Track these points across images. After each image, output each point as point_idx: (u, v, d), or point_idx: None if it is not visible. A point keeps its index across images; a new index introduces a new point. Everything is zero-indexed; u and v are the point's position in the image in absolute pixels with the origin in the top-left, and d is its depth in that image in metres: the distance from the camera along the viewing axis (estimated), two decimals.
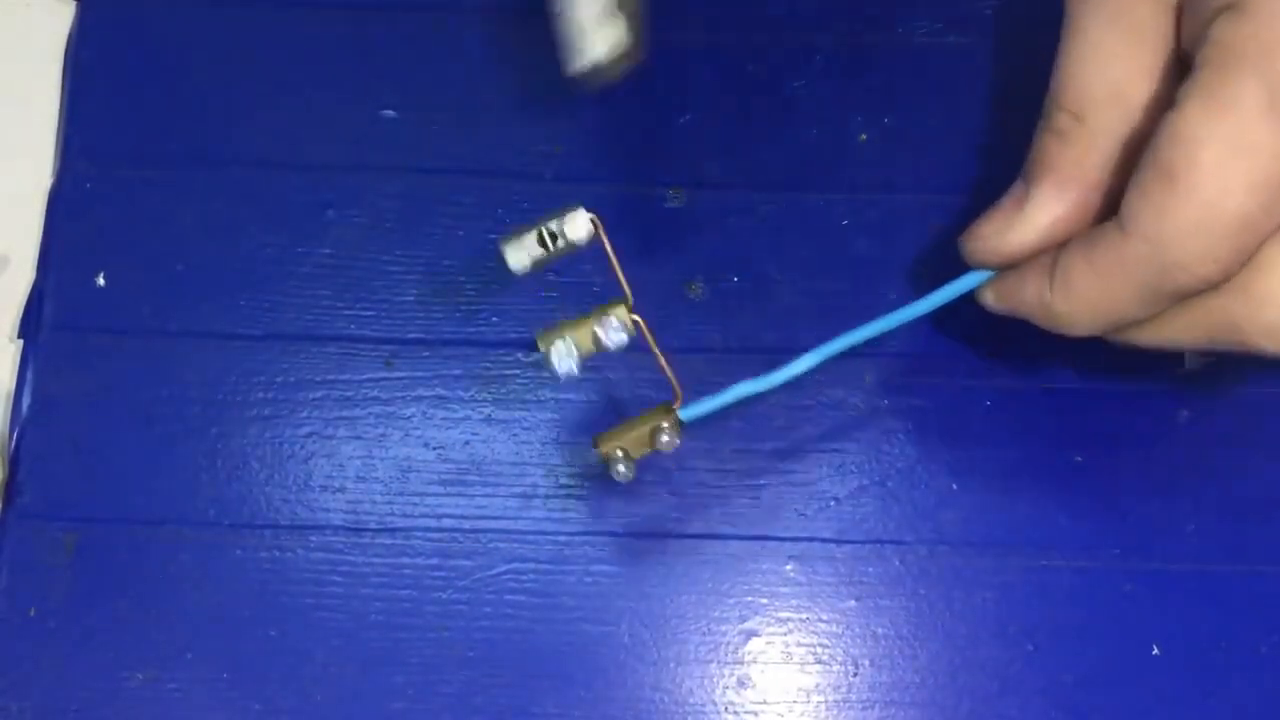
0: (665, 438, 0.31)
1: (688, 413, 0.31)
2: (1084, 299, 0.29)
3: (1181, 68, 0.27)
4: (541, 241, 0.28)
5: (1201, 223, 0.26)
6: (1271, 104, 0.25)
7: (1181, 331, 0.29)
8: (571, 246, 0.28)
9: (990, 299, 0.31)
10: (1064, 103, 0.29)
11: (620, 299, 0.29)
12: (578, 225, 0.28)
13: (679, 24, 0.38)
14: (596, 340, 0.29)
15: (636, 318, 0.29)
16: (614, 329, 0.29)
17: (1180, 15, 0.28)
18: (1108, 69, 0.28)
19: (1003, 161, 0.31)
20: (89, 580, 0.34)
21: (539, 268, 0.28)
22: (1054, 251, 0.29)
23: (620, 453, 0.31)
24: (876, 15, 0.38)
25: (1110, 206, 0.28)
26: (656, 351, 0.30)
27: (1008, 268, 0.31)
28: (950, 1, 0.38)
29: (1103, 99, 0.28)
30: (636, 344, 0.30)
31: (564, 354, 0.29)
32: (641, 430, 0.31)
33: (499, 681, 0.34)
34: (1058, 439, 0.35)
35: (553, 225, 0.28)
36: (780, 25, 0.38)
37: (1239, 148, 0.25)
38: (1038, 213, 0.30)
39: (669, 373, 0.30)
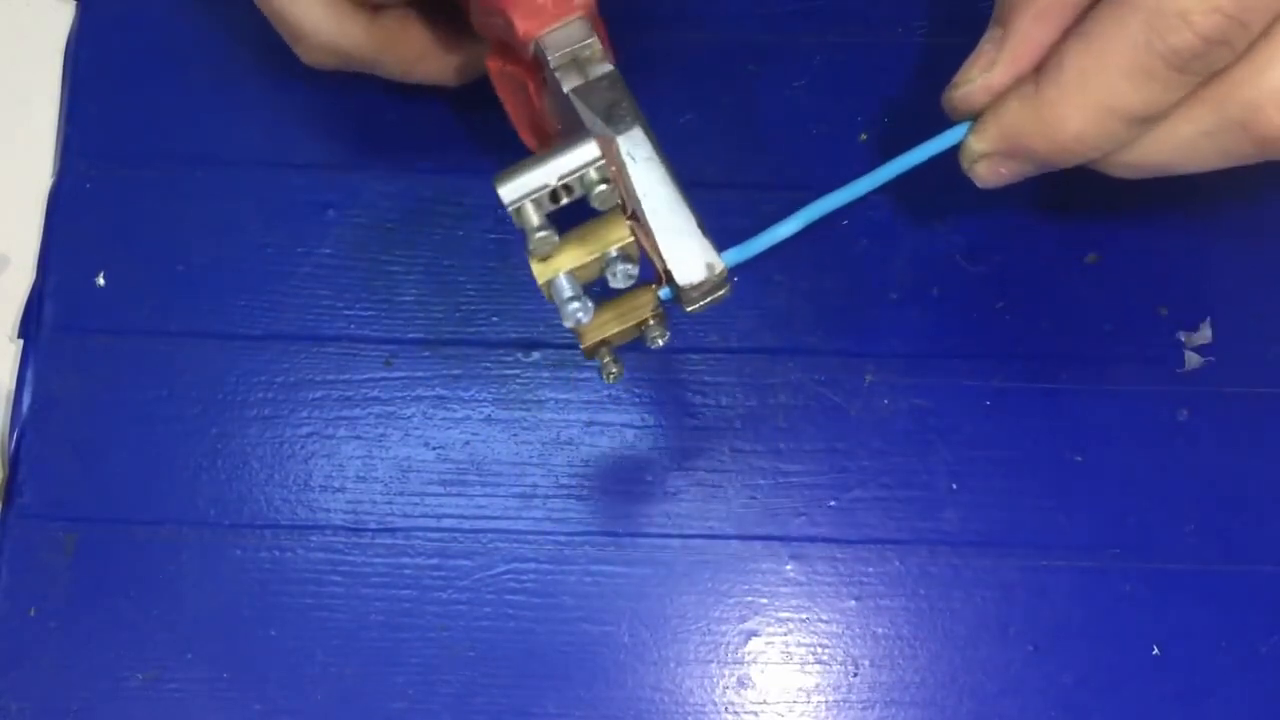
0: (655, 335, 0.29)
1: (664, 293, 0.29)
2: (1077, 80, 0.27)
3: None
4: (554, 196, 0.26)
5: None
6: None
7: (1188, 134, 0.27)
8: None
9: (974, 141, 0.30)
10: None
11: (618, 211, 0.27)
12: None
13: (679, 23, 0.38)
14: (604, 278, 0.27)
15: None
16: (623, 270, 0.27)
17: None
18: None
19: None
20: (89, 580, 0.34)
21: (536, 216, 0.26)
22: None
23: (608, 355, 0.29)
24: (876, 15, 0.38)
25: None
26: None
27: None
28: (950, 1, 0.38)
29: None
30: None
31: (569, 293, 0.26)
32: (627, 326, 0.29)
33: (499, 681, 0.34)
34: (1058, 439, 0.35)
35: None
36: (781, 25, 0.38)
37: None
38: (1021, 46, 0.28)
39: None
